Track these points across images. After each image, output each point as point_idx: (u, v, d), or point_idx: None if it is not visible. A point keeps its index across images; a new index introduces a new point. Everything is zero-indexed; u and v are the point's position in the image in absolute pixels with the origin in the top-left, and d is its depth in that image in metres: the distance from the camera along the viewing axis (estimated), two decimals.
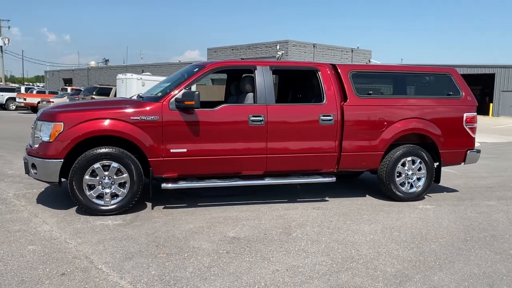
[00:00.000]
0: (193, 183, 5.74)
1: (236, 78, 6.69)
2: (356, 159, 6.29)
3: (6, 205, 5.74)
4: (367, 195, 6.85)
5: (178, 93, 5.53)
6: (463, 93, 6.77)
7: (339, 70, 6.32)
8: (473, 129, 6.80)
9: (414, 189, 6.57)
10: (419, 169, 6.56)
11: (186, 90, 5.52)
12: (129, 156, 5.40)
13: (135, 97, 6.37)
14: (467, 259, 4.32)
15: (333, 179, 6.26)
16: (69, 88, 34.23)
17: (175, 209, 5.79)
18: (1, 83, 54.00)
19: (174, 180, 5.70)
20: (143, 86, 19.42)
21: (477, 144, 14.70)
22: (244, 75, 6.30)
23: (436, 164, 6.68)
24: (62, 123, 5.25)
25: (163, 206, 5.87)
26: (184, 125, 5.55)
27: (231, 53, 40.86)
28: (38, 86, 62.93)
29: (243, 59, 39.56)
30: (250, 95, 6.00)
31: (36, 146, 5.40)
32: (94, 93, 21.85)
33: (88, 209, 5.34)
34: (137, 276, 3.68)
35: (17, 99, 28.41)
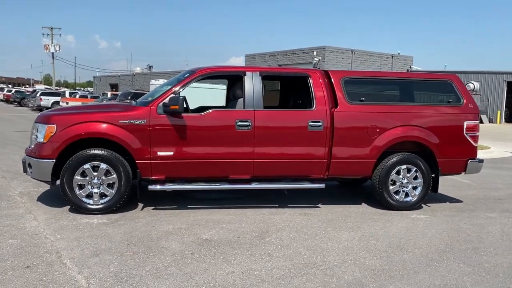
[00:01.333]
0: (179, 185, 5.90)
1: (234, 84, 6.81)
2: (347, 166, 6.23)
3: (8, 201, 6.10)
4: (363, 203, 6.75)
5: (166, 98, 5.71)
6: (464, 101, 6.56)
7: (331, 77, 6.30)
8: (475, 138, 6.57)
9: (409, 198, 6.42)
10: (415, 178, 6.41)
11: (173, 95, 5.68)
12: (118, 158, 5.61)
13: (134, 102, 6.60)
14: (435, 270, 4.20)
15: (322, 185, 6.23)
16: (109, 93, 35.61)
17: (164, 210, 5.95)
18: (52, 87, 56.93)
19: (162, 182, 5.86)
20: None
21: (506, 154, 14.14)
22: (237, 81, 6.39)
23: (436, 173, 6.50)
24: (55, 125, 5.54)
25: (152, 207, 6.05)
26: (171, 129, 5.71)
27: (269, 59, 41.09)
28: (88, 90, 65.83)
29: (280, 65, 39.74)
30: (240, 100, 6.09)
31: (33, 146, 5.73)
32: (129, 98, 22.60)
33: (78, 208, 5.60)
34: (95, 272, 3.84)
35: (61, 103, 29.87)
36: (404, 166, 6.35)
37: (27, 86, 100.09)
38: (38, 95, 33.50)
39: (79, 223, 5.24)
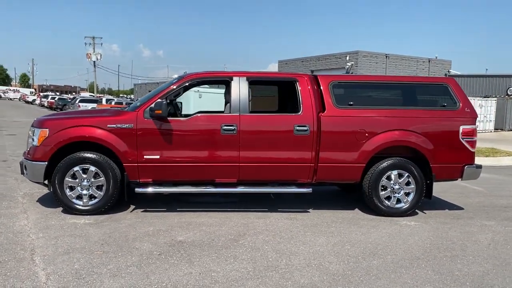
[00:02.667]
0: (165, 188, 6.03)
1: (226, 89, 6.89)
2: (335, 170, 6.17)
3: (10, 201, 6.44)
4: (356, 209, 6.66)
5: (152, 103, 5.88)
6: (460, 105, 6.36)
7: (319, 81, 6.27)
8: (472, 143, 6.35)
9: (401, 204, 6.28)
10: (408, 184, 6.26)
11: (159, 100, 5.83)
12: (106, 161, 5.81)
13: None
14: (398, 277, 4.10)
15: (309, 190, 6.19)
16: None
17: (152, 212, 6.10)
18: (93, 94, 59.11)
19: (148, 185, 6.01)
20: (200, 98, 20.14)
21: None
22: (227, 86, 6.47)
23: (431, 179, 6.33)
24: (47, 130, 5.82)
25: (142, 210, 6.21)
26: (157, 133, 5.86)
27: (301, 64, 41.00)
28: (130, 97, 67.87)
29: (312, 71, 39.60)
30: (228, 105, 6.17)
31: (28, 149, 6.03)
32: None
33: (68, 208, 5.83)
34: (58, 269, 4.00)
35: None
36: (395, 172, 6.22)
37: (74, 93, 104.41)
38: (77, 102, 34.89)
39: (65, 223, 5.46)
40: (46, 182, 5.97)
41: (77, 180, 5.83)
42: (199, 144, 5.94)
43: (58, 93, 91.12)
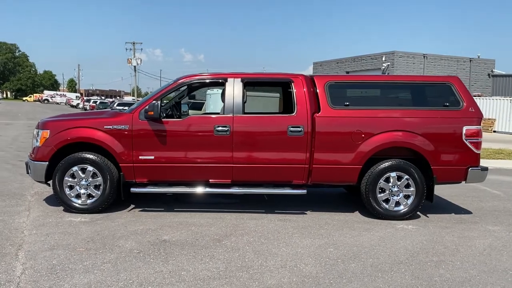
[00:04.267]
0: (160, 188, 6.12)
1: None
2: (329, 172, 6.07)
3: (17, 199, 6.73)
4: (357, 212, 6.52)
5: (147, 105, 6.00)
6: (464, 104, 6.11)
7: (315, 81, 6.20)
8: (477, 144, 6.08)
9: (400, 207, 6.10)
10: (407, 186, 6.07)
11: (154, 102, 5.95)
12: (103, 161, 5.98)
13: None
14: (372, 280, 3.99)
15: (304, 191, 6.11)
16: None
17: (148, 212, 6.21)
18: (135, 98, 60.77)
19: (144, 185, 6.14)
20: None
21: None
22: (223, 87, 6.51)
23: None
24: (48, 131, 6.05)
25: (140, 209, 6.34)
26: (151, 134, 5.97)
27: (336, 66, 40.57)
28: None
29: (348, 72, 39.09)
30: (222, 106, 6.20)
31: (32, 150, 6.30)
32: (188, 107, 23.54)
33: (68, 207, 6.04)
34: (37, 264, 4.16)
35: None
36: (394, 173, 6.05)
37: (118, 97, 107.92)
38: (115, 105, 35.97)
39: (62, 221, 5.65)
40: (49, 182, 6.20)
41: (76, 180, 6.03)
42: (193, 145, 6.00)
43: (103, 97, 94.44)
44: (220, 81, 6.29)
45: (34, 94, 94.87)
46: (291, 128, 5.96)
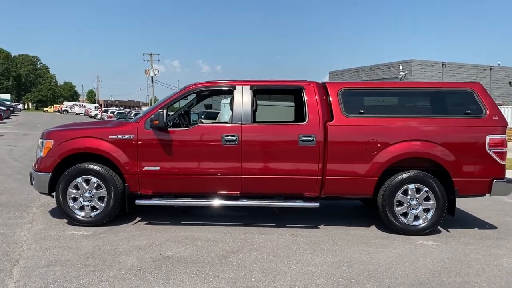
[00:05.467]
0: (165, 200, 5.87)
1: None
2: (343, 184, 5.74)
3: (23, 211, 6.56)
4: (373, 226, 6.16)
5: (152, 114, 5.78)
6: (487, 112, 5.74)
7: (327, 89, 5.91)
8: (501, 154, 5.69)
9: (419, 222, 5.73)
10: (427, 199, 5.71)
11: (160, 110, 5.72)
12: (107, 172, 5.77)
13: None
14: None
15: (316, 204, 5.79)
16: None
17: (154, 225, 5.96)
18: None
19: (149, 197, 5.90)
20: None
21: None
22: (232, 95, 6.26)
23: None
24: (52, 141, 5.87)
25: (146, 222, 6.10)
26: (157, 144, 5.74)
27: (352, 75, 40.14)
28: None
29: (364, 81, 38.56)
30: (231, 114, 5.95)
31: (36, 160, 6.12)
32: (202, 116, 23.43)
33: (71, 219, 5.83)
34: (30, 282, 3.93)
35: None
36: (412, 186, 5.69)
37: (136, 108, 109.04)
38: (131, 115, 36.18)
39: (64, 235, 5.44)
40: (53, 194, 6.00)
41: (79, 191, 5.83)
42: (200, 155, 5.75)
43: (121, 108, 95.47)
44: (229, 88, 6.04)
45: (54, 105, 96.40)
46: (303, 138, 5.67)
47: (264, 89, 6.20)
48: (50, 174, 5.83)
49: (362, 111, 5.79)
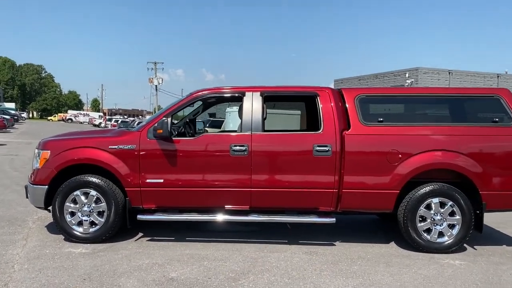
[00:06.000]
0: (169, 215, 5.46)
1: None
2: (361, 197, 5.32)
3: (18, 226, 6.16)
4: (393, 242, 5.73)
5: (156, 122, 5.39)
6: None
7: (344, 95, 5.51)
8: None
9: (444, 239, 5.29)
10: (452, 214, 5.27)
11: (164, 119, 5.33)
12: (107, 185, 5.37)
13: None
14: None
15: (332, 220, 5.37)
16: None
17: (157, 242, 5.55)
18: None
19: (152, 211, 5.49)
20: None
21: None
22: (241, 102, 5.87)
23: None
24: (49, 151, 5.49)
25: (148, 238, 5.68)
26: (161, 154, 5.35)
27: (358, 83, 39.70)
28: None
29: None
30: (240, 123, 5.56)
31: (32, 172, 5.73)
32: (207, 125, 23.07)
33: (68, 236, 5.42)
34: None
35: None
36: (436, 200, 5.26)
37: (140, 116, 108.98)
38: (135, 124, 35.90)
39: (60, 252, 5.03)
40: (50, 208, 5.59)
41: (78, 205, 5.43)
42: (207, 167, 5.35)
43: (125, 116, 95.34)
44: (237, 95, 5.65)
45: (59, 114, 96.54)
46: (318, 147, 5.26)
47: (275, 95, 5.81)
48: (47, 187, 5.44)
49: (381, 119, 5.38)
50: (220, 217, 5.42)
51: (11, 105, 72.57)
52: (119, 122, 48.49)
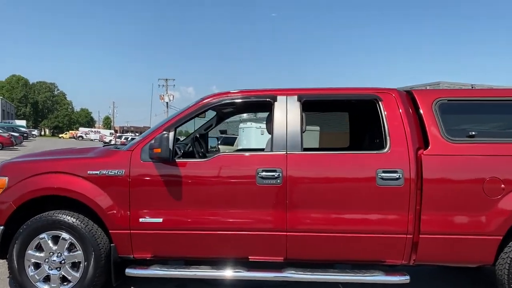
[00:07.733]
0: (170, 270, 3.87)
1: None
2: (446, 246, 3.69)
3: None
4: None
5: (153, 138, 3.85)
6: None
7: (416, 100, 3.93)
8: None
9: None
10: None
11: (164, 133, 3.78)
12: (86, 225, 3.83)
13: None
14: None
15: (406, 278, 3.74)
16: None
17: None
18: None
19: (146, 263, 3.92)
20: (262, 134, 18.38)
21: None
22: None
23: None
24: (6, 178, 3.98)
25: None
26: (159, 183, 3.80)
27: None
28: None
29: None
30: (269, 139, 3.99)
31: None
32: (219, 142, 21.60)
33: None
34: None
35: None
36: None
37: None
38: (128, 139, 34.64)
39: None
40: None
41: (43, 254, 3.88)
42: (223, 200, 3.79)
43: (137, 134, 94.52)
44: (266, 100, 4.08)
45: (70, 131, 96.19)
46: (383, 174, 3.66)
47: (319, 100, 4.24)
48: (2, 227, 3.92)
49: (473, 132, 3.77)
50: (241, 274, 3.81)
51: (22, 122, 72.03)
52: (128, 139, 47.29)
